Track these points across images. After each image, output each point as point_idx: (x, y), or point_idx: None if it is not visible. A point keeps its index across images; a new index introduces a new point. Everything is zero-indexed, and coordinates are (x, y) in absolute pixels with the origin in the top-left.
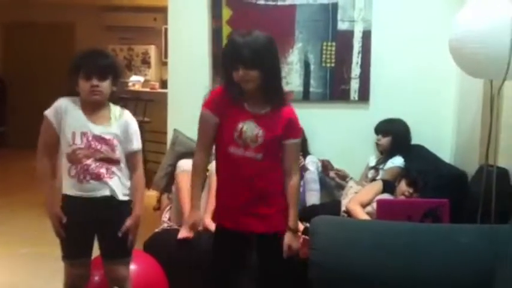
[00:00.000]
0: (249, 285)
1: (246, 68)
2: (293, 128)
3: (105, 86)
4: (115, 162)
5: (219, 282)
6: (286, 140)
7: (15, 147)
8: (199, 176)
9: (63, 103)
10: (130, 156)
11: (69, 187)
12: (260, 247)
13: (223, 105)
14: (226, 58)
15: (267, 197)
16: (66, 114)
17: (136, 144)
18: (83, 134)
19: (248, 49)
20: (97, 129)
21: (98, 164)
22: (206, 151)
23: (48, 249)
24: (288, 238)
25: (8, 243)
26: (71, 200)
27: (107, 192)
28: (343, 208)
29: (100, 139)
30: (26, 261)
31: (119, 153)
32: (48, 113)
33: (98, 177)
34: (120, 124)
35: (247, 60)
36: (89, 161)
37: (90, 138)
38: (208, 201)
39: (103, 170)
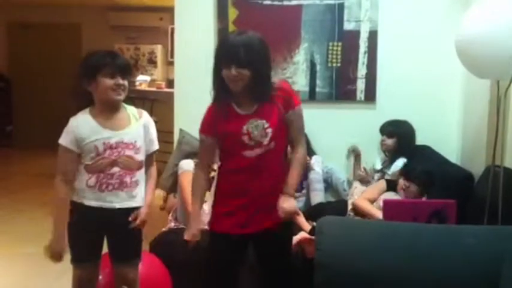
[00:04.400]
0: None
1: (239, 67)
2: (290, 100)
3: (127, 84)
4: (138, 166)
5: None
6: (288, 112)
7: (20, 147)
8: (198, 195)
9: (74, 123)
10: (149, 156)
11: (86, 197)
12: (260, 242)
13: (217, 122)
14: (218, 57)
15: (276, 183)
16: (83, 133)
17: (156, 144)
18: (105, 144)
19: (242, 48)
20: (118, 135)
21: (121, 172)
22: (206, 169)
23: None
24: (280, 200)
25: (12, 243)
26: (87, 209)
27: (128, 205)
28: (349, 207)
29: (122, 144)
30: (30, 262)
31: (142, 156)
32: (63, 140)
33: (121, 186)
34: (142, 125)
35: (240, 59)
36: (112, 170)
37: (113, 146)
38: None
39: (127, 179)
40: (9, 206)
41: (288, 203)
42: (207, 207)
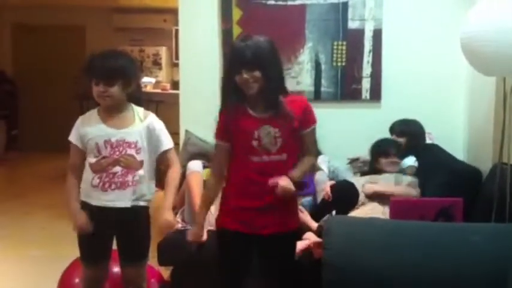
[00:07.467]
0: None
1: (249, 70)
2: (308, 117)
3: (114, 90)
4: (139, 165)
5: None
6: (303, 130)
7: (27, 150)
8: (208, 198)
9: (80, 121)
10: (162, 156)
11: (90, 196)
12: (265, 246)
13: (230, 124)
14: (228, 64)
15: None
16: (86, 130)
17: (167, 143)
18: (106, 142)
19: (249, 51)
20: (119, 134)
21: (123, 171)
22: (219, 177)
23: (60, 251)
24: (280, 178)
25: (20, 246)
26: (91, 208)
27: (129, 204)
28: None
29: (124, 143)
30: (38, 264)
31: (143, 156)
32: (71, 137)
33: (122, 186)
34: (145, 126)
35: (248, 61)
36: (114, 169)
37: (114, 145)
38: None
39: (128, 178)
40: (16, 209)
41: (285, 181)
42: (213, 208)
